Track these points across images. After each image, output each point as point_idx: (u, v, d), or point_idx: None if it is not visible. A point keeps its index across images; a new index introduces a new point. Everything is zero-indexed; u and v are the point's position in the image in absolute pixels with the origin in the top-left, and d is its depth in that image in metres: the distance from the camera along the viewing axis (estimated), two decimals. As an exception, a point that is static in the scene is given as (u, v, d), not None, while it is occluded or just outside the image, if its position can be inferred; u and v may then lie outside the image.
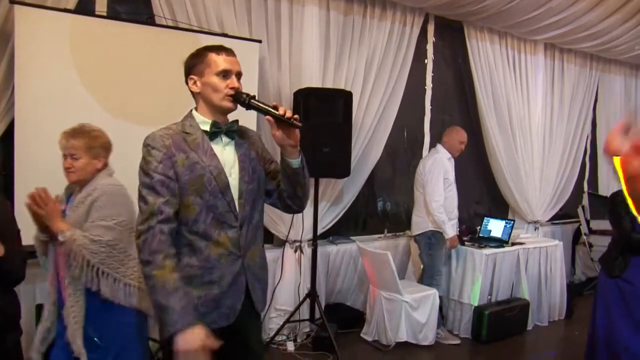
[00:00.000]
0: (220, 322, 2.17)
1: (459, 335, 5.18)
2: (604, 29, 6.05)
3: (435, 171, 4.96)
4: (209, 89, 2.18)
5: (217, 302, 2.16)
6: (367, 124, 5.13)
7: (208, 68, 2.18)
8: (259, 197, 2.32)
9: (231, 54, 2.22)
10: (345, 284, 5.37)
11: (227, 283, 2.16)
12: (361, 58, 5.06)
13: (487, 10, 5.39)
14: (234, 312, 2.19)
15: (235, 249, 2.17)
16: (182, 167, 2.11)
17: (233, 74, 2.18)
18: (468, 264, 5.16)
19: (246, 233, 2.21)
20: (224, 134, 2.23)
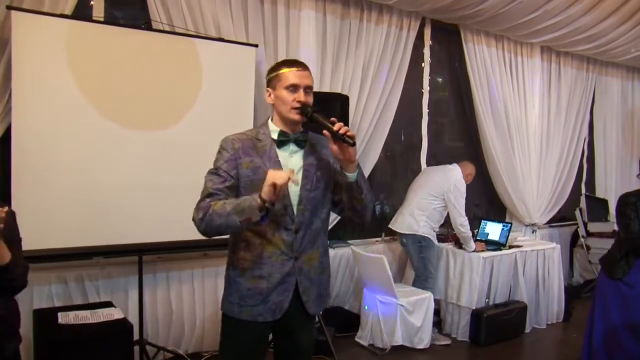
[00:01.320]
0: (266, 315, 2.35)
1: (457, 339, 5.19)
2: (600, 31, 6.06)
3: (462, 188, 5.17)
4: (279, 101, 2.35)
5: (265, 296, 2.34)
6: (364, 128, 5.13)
7: (279, 82, 2.34)
8: (323, 205, 2.45)
9: (302, 68, 2.36)
10: (342, 287, 5.37)
11: (275, 280, 2.34)
12: (358, 62, 5.07)
13: (483, 14, 5.40)
14: (280, 308, 2.36)
15: (288, 250, 2.34)
16: (246, 169, 2.31)
17: (301, 87, 2.31)
18: (466, 267, 5.17)
19: (302, 237, 2.37)
20: (292, 143, 2.38)
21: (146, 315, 4.18)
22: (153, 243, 3.94)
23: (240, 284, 2.37)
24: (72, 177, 3.60)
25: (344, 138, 2.18)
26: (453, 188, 5.12)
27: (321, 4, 4.87)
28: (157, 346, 4.12)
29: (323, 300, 2.53)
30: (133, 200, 3.81)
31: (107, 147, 3.71)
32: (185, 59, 4.02)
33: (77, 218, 3.62)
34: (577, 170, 7.30)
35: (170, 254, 4.25)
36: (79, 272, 3.98)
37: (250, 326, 2.37)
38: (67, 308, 3.63)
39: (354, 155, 2.26)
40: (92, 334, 3.29)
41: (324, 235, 2.51)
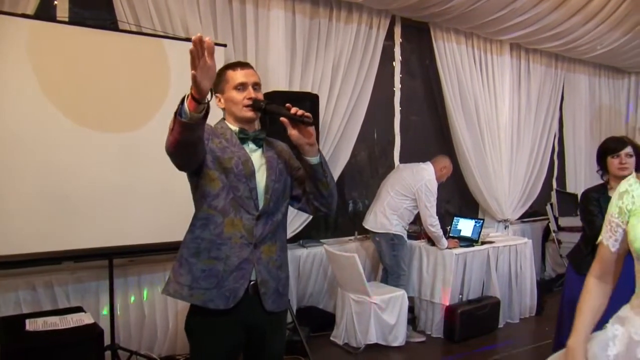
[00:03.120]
0: (218, 302, 2.26)
1: (431, 335, 5.21)
2: (567, 29, 6.14)
3: (434, 189, 5.17)
4: (230, 103, 2.36)
5: (220, 280, 2.27)
6: (335, 127, 5.13)
7: (227, 84, 2.37)
8: (284, 197, 2.46)
9: (246, 67, 2.40)
10: (316, 287, 5.36)
11: (233, 264, 2.28)
12: (328, 61, 5.07)
13: (452, 12, 5.43)
14: (234, 296, 2.27)
15: (248, 235, 2.30)
16: (216, 146, 2.30)
17: (249, 85, 2.34)
18: (439, 264, 5.20)
19: (263, 226, 2.34)
20: (250, 141, 2.39)
21: (118, 320, 4.12)
22: (124, 246, 3.88)
23: (193, 264, 2.30)
24: (39, 180, 3.53)
25: (302, 119, 2.23)
26: (424, 188, 5.14)
27: (290, 3, 4.86)
28: (129, 350, 4.06)
29: (282, 300, 2.45)
30: (102, 204, 3.75)
31: (74, 149, 3.65)
32: (153, 59, 3.98)
33: (44, 222, 3.55)
34: (547, 166, 7.38)
35: (142, 257, 4.20)
36: (47, 277, 3.91)
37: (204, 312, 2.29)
38: (36, 314, 3.54)
39: (313, 136, 2.29)
40: (61, 340, 3.22)
41: (283, 231, 2.50)
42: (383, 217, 5.16)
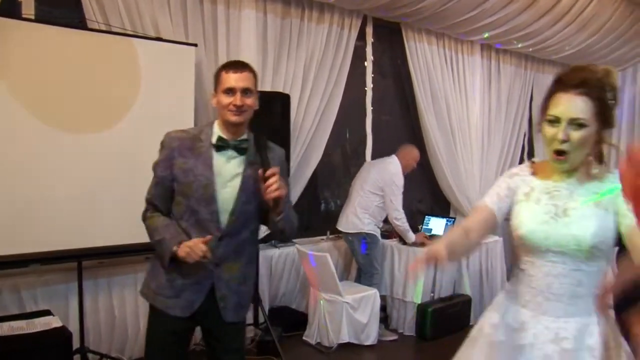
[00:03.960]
0: (176, 310, 2.41)
1: (404, 334, 5.25)
2: (536, 30, 6.22)
3: (400, 182, 5.19)
4: (218, 105, 2.39)
5: (178, 291, 2.41)
6: (307, 127, 5.13)
7: (219, 85, 2.39)
8: (255, 217, 2.48)
9: (239, 70, 2.38)
10: (289, 287, 5.36)
11: (190, 281, 2.40)
12: (299, 61, 5.06)
13: (423, 12, 5.46)
14: (191, 307, 2.41)
15: (211, 256, 2.33)
16: (179, 170, 2.37)
17: (238, 90, 2.34)
18: (410, 263, 5.22)
19: (226, 246, 2.39)
20: (231, 149, 2.40)
21: (87, 322, 4.06)
22: (93, 248, 3.84)
23: (160, 272, 2.44)
24: (6, 181, 3.46)
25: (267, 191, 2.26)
26: (389, 182, 5.17)
27: (262, 3, 4.84)
28: (99, 353, 4.01)
29: (242, 310, 2.56)
30: (71, 205, 3.70)
31: (42, 150, 3.59)
32: (123, 59, 3.92)
33: (10, 224, 3.49)
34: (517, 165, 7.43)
35: (111, 259, 4.15)
36: (14, 280, 3.84)
37: (164, 317, 2.43)
38: (2, 319, 3.48)
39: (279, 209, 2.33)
40: (28, 344, 3.18)
41: (252, 245, 2.56)
42: (355, 218, 5.19)
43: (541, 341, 1.84)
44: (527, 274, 1.92)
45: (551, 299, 1.86)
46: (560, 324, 1.84)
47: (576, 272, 1.84)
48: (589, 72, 1.82)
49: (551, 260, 1.86)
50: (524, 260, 1.93)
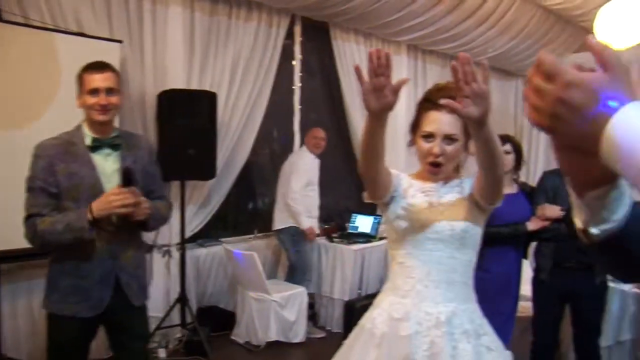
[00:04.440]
0: (89, 312, 2.49)
1: (332, 331, 5.31)
2: (461, 32, 6.39)
3: (303, 167, 5.25)
4: (84, 106, 2.49)
5: (86, 293, 2.48)
6: (234, 125, 5.11)
7: (82, 86, 2.48)
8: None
9: (103, 70, 2.49)
10: (216, 286, 5.33)
11: (95, 279, 2.48)
12: (227, 59, 5.03)
13: (351, 12, 5.53)
14: (101, 304, 2.51)
15: (106, 250, 2.49)
16: (62, 175, 2.42)
17: (102, 91, 2.45)
18: (337, 260, 5.30)
19: (120, 237, 2.53)
20: (106, 147, 2.53)
21: (6, 328, 3.93)
22: (10, 250, 3.70)
23: (61, 282, 2.49)
24: None
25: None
26: (295, 168, 5.25)
27: (189, 1, 4.79)
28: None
29: (144, 292, 2.74)
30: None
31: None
32: (42, 54, 3.79)
33: None
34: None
35: (31, 261, 4.02)
36: None
37: (74, 323, 2.48)
38: None
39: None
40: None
41: (138, 233, 2.70)
42: (280, 214, 5.25)
43: (425, 327, 1.94)
44: (405, 266, 2.03)
45: (430, 286, 1.99)
46: (440, 309, 1.97)
47: (450, 259, 2.01)
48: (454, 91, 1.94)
49: (428, 249, 2.00)
50: (402, 253, 2.05)
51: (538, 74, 0.83)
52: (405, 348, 1.92)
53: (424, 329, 1.94)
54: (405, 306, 1.99)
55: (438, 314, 1.96)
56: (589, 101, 0.79)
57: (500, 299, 3.58)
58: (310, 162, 5.32)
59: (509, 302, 3.69)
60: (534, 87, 0.84)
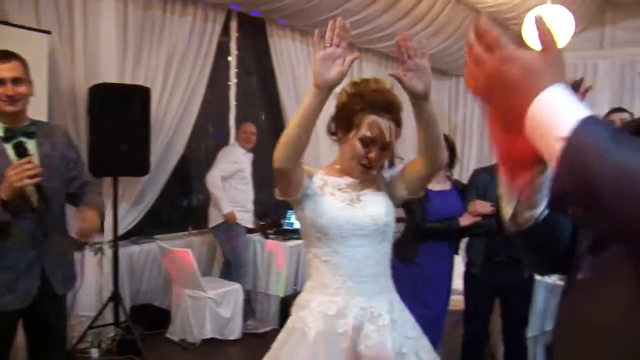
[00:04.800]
0: (16, 304, 2.46)
1: (268, 327, 5.30)
2: (396, 30, 6.46)
3: (224, 158, 5.25)
4: None
5: (12, 285, 2.44)
6: (168, 121, 5.04)
7: None
8: (60, 193, 2.61)
9: (7, 60, 2.43)
10: (151, 284, 5.25)
11: (21, 269, 2.45)
12: (161, 54, 4.95)
13: (287, 9, 5.53)
14: (29, 295, 2.48)
15: (30, 238, 2.45)
16: None
17: (8, 81, 2.39)
18: (273, 257, 5.31)
19: (43, 225, 2.49)
20: (20, 135, 2.46)
21: None
22: None
23: None
24: None
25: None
26: (218, 159, 5.27)
27: (122, -7, 4.69)
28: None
29: (70, 281, 2.74)
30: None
31: None
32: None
33: None
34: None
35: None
36: None
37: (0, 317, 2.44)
38: None
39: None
40: None
41: (62, 221, 2.68)
42: (214, 210, 5.23)
43: (360, 322, 1.97)
44: (332, 263, 2.02)
45: (360, 281, 2.01)
46: (372, 303, 2.01)
47: (375, 253, 2.05)
48: (390, 95, 2.05)
49: (353, 245, 2.02)
50: (327, 252, 2.03)
51: (479, 43, 0.86)
52: (343, 344, 1.94)
53: (360, 323, 1.97)
54: (338, 304, 1.99)
55: (371, 308, 1.99)
56: (524, 78, 0.83)
57: (432, 293, 3.67)
58: (241, 156, 5.32)
59: (442, 296, 3.80)
60: (474, 55, 0.87)
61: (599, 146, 0.75)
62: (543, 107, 0.82)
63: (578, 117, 0.78)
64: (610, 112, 4.20)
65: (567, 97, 0.82)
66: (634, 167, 0.73)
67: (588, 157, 0.76)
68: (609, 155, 0.74)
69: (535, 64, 0.83)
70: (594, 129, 0.78)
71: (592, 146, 0.76)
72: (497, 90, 0.86)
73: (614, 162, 0.74)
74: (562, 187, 0.79)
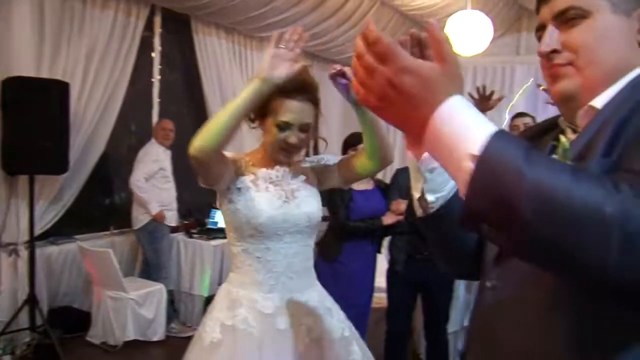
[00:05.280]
0: None
1: (192, 327, 5.25)
2: (323, 30, 6.53)
3: (144, 158, 5.15)
4: None
5: None
6: (89, 117, 4.89)
7: None
8: None
9: None
10: (70, 285, 5.08)
11: None
12: (81, 48, 4.78)
13: (212, 5, 5.47)
14: None
15: None
16: None
17: None
18: (197, 256, 5.27)
19: None
20: None
21: None
22: None
23: None
24: None
25: None
26: (139, 160, 5.18)
27: (37, -18, 4.51)
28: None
29: None
30: None
31: None
32: None
33: None
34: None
35: None
36: None
37: None
38: None
39: None
40: None
41: None
42: (135, 211, 5.14)
43: (298, 317, 2.01)
44: (264, 260, 2.02)
45: (293, 277, 2.04)
46: (305, 297, 2.06)
47: (305, 247, 2.10)
48: (305, 75, 2.01)
49: (287, 242, 2.04)
50: (260, 248, 2.03)
51: (371, 52, 0.82)
52: (287, 341, 1.97)
53: (299, 318, 2.00)
54: (274, 301, 2.00)
55: (305, 302, 2.03)
56: (420, 89, 0.80)
57: (356, 291, 3.73)
58: (161, 154, 5.23)
59: (365, 294, 3.87)
60: (365, 65, 0.83)
61: (513, 165, 0.74)
62: (445, 121, 0.80)
63: (486, 132, 0.77)
64: (514, 117, 4.40)
65: (469, 109, 0.80)
66: (550, 186, 0.73)
67: (504, 178, 0.74)
68: (524, 175, 0.73)
69: (432, 75, 0.81)
70: (506, 146, 0.76)
71: (507, 165, 0.74)
72: (391, 102, 0.82)
73: (530, 182, 0.73)
74: (476, 207, 0.78)
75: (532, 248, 0.77)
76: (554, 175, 0.73)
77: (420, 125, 0.81)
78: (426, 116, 0.80)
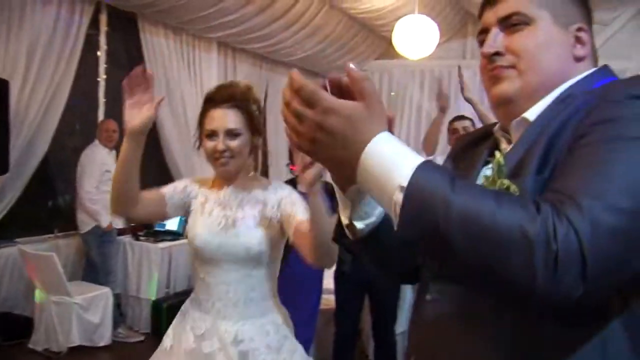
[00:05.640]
0: None
1: (140, 331, 5.17)
2: (271, 32, 6.53)
3: (89, 164, 5.00)
4: None
5: None
6: (31, 117, 4.73)
7: None
8: None
9: None
10: (11, 291, 4.89)
11: None
12: (21, 45, 4.62)
13: (160, 4, 5.38)
14: None
15: None
16: None
17: None
18: (144, 259, 5.20)
19: None
20: None
21: None
22: None
23: None
24: None
25: None
26: (86, 168, 5.04)
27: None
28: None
29: None
30: None
31: None
32: None
33: None
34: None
35: None
36: None
37: None
38: None
39: None
40: None
41: None
42: (82, 215, 5.01)
43: (223, 345, 1.99)
44: (205, 282, 2.05)
45: (229, 305, 2.03)
46: (238, 327, 2.01)
47: (248, 278, 2.04)
48: (234, 88, 2.08)
49: (225, 269, 2.03)
50: (202, 269, 2.06)
51: (296, 98, 0.85)
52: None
53: (224, 346, 1.98)
54: (206, 322, 2.02)
55: (236, 332, 2.00)
56: (346, 128, 0.83)
57: (304, 294, 3.73)
58: (105, 157, 5.13)
59: (314, 296, 3.88)
60: (293, 111, 0.86)
61: (440, 194, 0.78)
62: (375, 158, 0.83)
63: (413, 164, 0.81)
64: (453, 120, 4.49)
65: (396, 144, 0.84)
66: (475, 213, 0.76)
67: (432, 207, 0.78)
68: (451, 203, 0.77)
69: (355, 113, 0.83)
70: (432, 177, 0.80)
71: (434, 195, 0.78)
72: (322, 144, 0.85)
73: (457, 210, 0.76)
74: (408, 236, 0.81)
75: (464, 272, 0.81)
76: (479, 202, 0.77)
77: (352, 167, 0.85)
78: (356, 155, 0.84)
